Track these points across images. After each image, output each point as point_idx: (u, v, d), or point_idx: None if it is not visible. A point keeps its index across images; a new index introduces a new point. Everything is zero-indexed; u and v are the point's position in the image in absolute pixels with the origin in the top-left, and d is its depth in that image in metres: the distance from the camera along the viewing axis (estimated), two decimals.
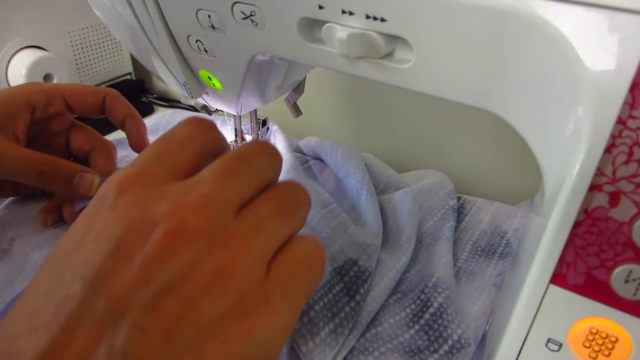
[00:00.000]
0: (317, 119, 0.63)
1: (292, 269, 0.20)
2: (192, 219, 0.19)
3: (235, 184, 0.20)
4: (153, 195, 0.19)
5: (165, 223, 0.18)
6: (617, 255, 0.21)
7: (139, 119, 0.39)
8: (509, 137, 0.49)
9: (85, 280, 0.18)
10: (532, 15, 0.19)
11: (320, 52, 0.26)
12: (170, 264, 0.18)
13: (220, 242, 0.19)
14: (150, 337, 0.17)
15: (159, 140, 0.22)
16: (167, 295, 0.18)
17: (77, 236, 0.19)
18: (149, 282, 0.18)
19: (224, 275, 0.18)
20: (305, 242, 0.22)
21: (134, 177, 0.20)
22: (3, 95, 0.35)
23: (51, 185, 0.33)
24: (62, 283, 0.18)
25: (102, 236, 0.19)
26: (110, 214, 0.19)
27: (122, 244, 0.18)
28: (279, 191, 0.22)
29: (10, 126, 0.35)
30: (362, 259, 0.33)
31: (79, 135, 0.39)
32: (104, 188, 0.20)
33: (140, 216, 0.19)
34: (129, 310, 0.17)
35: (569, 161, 0.20)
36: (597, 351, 0.22)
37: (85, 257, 0.18)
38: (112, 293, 0.17)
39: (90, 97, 0.38)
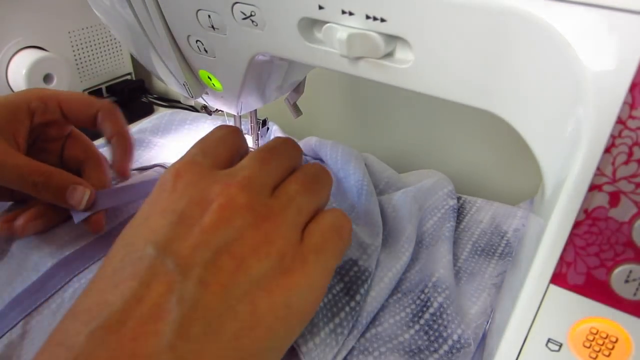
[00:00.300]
0: (317, 119, 0.63)
1: (323, 235, 0.25)
2: (239, 196, 0.23)
3: (268, 169, 0.25)
4: (205, 178, 0.24)
5: (219, 199, 0.23)
6: (617, 255, 0.21)
7: (126, 140, 0.38)
8: (509, 137, 0.49)
9: (155, 244, 0.22)
10: (532, 15, 0.19)
11: (320, 52, 0.26)
12: (224, 230, 0.22)
13: (261, 214, 0.23)
14: (212, 289, 0.21)
15: (200, 140, 0.27)
16: (222, 255, 0.22)
17: (143, 213, 0.24)
18: (208, 244, 0.22)
19: (266, 240, 0.23)
20: (333, 213, 0.26)
21: (187, 165, 0.25)
22: (5, 101, 0.36)
23: (43, 195, 0.33)
24: (135, 248, 0.22)
25: (167, 210, 0.23)
26: (171, 194, 0.24)
27: (184, 215, 0.23)
28: (303, 173, 0.27)
29: (11, 132, 0.35)
30: (362, 259, 0.33)
31: (75, 145, 0.39)
32: (163, 176, 0.25)
33: (198, 194, 0.23)
34: (193, 267, 0.21)
35: (569, 161, 0.20)
36: (597, 351, 0.22)
37: (153, 227, 0.23)
38: (178, 254, 0.21)
39: (84, 108, 0.38)
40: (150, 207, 0.24)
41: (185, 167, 0.25)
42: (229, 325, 0.21)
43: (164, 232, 0.22)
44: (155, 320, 0.20)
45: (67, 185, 0.34)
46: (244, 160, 0.26)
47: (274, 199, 0.25)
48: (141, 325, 0.19)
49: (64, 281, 0.33)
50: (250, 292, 0.22)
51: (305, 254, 0.24)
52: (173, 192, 0.24)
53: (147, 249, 0.22)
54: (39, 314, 0.32)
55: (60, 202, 0.34)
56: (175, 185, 0.24)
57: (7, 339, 0.31)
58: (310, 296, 0.24)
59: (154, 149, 0.51)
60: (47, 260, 0.34)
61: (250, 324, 0.21)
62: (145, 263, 0.21)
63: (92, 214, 0.34)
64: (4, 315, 0.32)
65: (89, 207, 0.34)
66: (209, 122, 0.55)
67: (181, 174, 0.25)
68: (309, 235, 0.25)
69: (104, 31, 0.66)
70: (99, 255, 0.35)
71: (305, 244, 0.24)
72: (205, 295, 0.21)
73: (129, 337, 0.19)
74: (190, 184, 0.24)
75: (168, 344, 0.19)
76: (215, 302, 0.21)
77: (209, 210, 0.23)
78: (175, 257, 0.21)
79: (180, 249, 0.22)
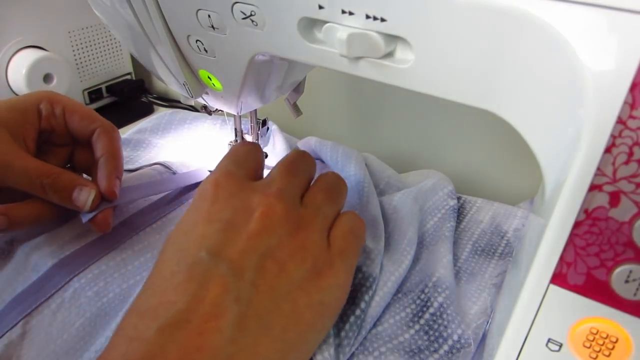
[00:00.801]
0: (317, 119, 0.63)
1: (345, 239, 0.28)
2: (277, 206, 0.26)
3: (295, 180, 0.29)
4: (244, 189, 0.27)
5: (260, 208, 0.26)
6: (618, 255, 0.21)
7: (118, 161, 0.37)
8: (509, 137, 0.49)
9: (208, 249, 0.24)
10: (532, 15, 0.19)
11: (320, 52, 0.26)
12: (267, 237, 0.25)
13: (295, 223, 0.27)
14: (261, 289, 0.24)
15: (229, 153, 0.30)
16: (267, 259, 0.25)
17: (189, 221, 0.26)
18: (255, 250, 0.25)
19: (302, 247, 0.26)
20: (350, 217, 0.29)
21: (225, 176, 0.28)
22: (15, 102, 0.36)
23: (51, 197, 0.33)
24: (188, 253, 0.24)
25: (213, 218, 0.26)
26: (214, 203, 0.26)
27: (230, 223, 0.26)
28: (325, 182, 0.30)
29: (21, 133, 0.35)
30: (365, 264, 0.32)
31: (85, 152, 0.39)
32: (203, 186, 0.28)
33: (240, 204, 0.26)
34: (245, 270, 0.24)
35: (569, 161, 0.20)
36: (598, 351, 0.22)
37: (202, 234, 0.25)
38: (229, 258, 0.24)
39: (86, 121, 0.37)
40: (196, 214, 0.27)
41: (224, 178, 0.28)
42: (277, 321, 0.24)
43: (214, 239, 0.25)
44: (217, 318, 0.22)
45: (73, 186, 0.34)
46: (274, 173, 0.29)
47: (304, 208, 0.28)
48: (205, 322, 0.22)
49: (64, 281, 0.33)
50: (291, 292, 0.25)
51: (332, 258, 0.27)
52: (216, 202, 0.27)
53: (201, 253, 0.24)
54: (39, 314, 0.32)
55: (67, 203, 0.34)
56: (216, 194, 0.27)
57: (7, 339, 0.31)
58: (339, 294, 0.27)
59: (154, 149, 0.51)
60: (47, 260, 0.34)
61: (294, 319, 0.25)
62: (201, 267, 0.24)
63: (98, 212, 0.34)
64: (4, 315, 0.32)
65: (95, 207, 0.34)
66: (209, 122, 0.55)
67: (221, 184, 0.27)
68: (334, 240, 0.28)
69: (104, 31, 0.66)
70: (99, 255, 0.35)
71: (332, 249, 0.28)
72: (257, 295, 0.24)
73: (195, 332, 0.22)
74: (232, 194, 0.27)
75: (230, 338, 0.22)
76: (265, 301, 0.24)
77: (252, 218, 0.26)
78: (227, 261, 0.24)
79: (230, 253, 0.24)
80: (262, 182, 0.28)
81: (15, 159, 0.33)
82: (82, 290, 0.33)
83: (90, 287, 0.33)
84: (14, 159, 0.33)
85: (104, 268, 0.34)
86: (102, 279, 0.34)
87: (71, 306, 0.32)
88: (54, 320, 0.32)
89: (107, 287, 0.33)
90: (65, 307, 0.32)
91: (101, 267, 0.34)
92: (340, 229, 0.28)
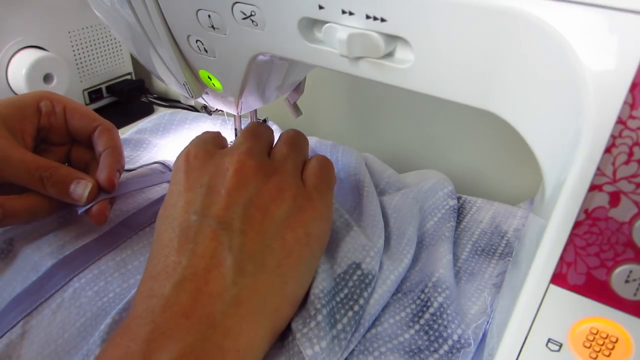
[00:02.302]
0: (317, 119, 0.63)
1: (317, 177, 0.32)
2: (248, 161, 0.30)
3: (259, 140, 0.33)
4: (215, 154, 0.31)
5: (233, 166, 0.30)
6: (618, 255, 0.21)
7: (119, 154, 0.38)
8: (509, 137, 0.49)
9: (196, 212, 0.28)
10: (532, 15, 0.19)
11: (320, 52, 0.26)
12: (245, 189, 0.29)
13: (267, 172, 0.30)
14: (250, 236, 0.28)
15: (199, 136, 0.34)
16: (250, 208, 0.28)
17: (173, 194, 0.30)
18: (237, 203, 0.28)
19: (279, 190, 0.30)
20: (317, 158, 0.34)
21: (194, 147, 0.32)
22: (15, 99, 0.36)
23: (49, 191, 0.34)
24: (180, 220, 0.28)
25: (193, 186, 0.29)
26: (191, 173, 0.30)
27: (210, 185, 0.29)
28: (287, 137, 0.34)
29: (20, 129, 0.35)
30: (365, 262, 0.32)
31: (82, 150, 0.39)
32: (176, 162, 0.32)
33: (214, 167, 0.30)
34: (232, 222, 0.27)
35: (569, 161, 0.20)
36: (598, 351, 0.22)
37: (188, 201, 0.29)
38: (216, 214, 0.28)
39: (86, 121, 0.38)
40: (177, 186, 0.30)
41: (193, 149, 0.31)
42: (270, 259, 0.27)
43: (200, 202, 0.28)
44: (217, 267, 0.26)
45: (71, 180, 0.34)
46: (238, 139, 0.33)
47: (272, 159, 0.32)
48: (208, 272, 0.26)
49: (64, 281, 0.33)
50: (278, 231, 0.28)
51: (309, 194, 0.31)
52: (193, 171, 0.30)
53: (191, 217, 0.28)
54: (39, 314, 0.32)
55: (64, 197, 0.34)
56: (190, 164, 0.30)
57: (7, 339, 0.31)
58: (322, 224, 0.31)
59: (154, 149, 0.51)
60: (47, 260, 0.34)
61: (285, 254, 0.28)
62: (193, 228, 0.27)
63: (93, 204, 0.34)
64: (3, 315, 0.32)
65: (91, 200, 0.34)
66: (209, 122, 0.55)
67: (191, 154, 0.31)
68: (307, 179, 0.32)
69: (104, 31, 0.66)
70: (98, 255, 0.35)
71: (307, 186, 0.31)
72: (247, 241, 0.27)
73: (202, 282, 0.25)
74: (205, 161, 0.30)
75: (231, 281, 0.26)
76: (255, 245, 0.27)
77: (227, 176, 0.29)
78: (214, 217, 0.27)
79: (216, 211, 0.28)
80: (231, 147, 0.32)
81: (13, 152, 0.33)
82: (82, 290, 0.33)
83: (90, 287, 0.33)
84: (11, 152, 0.33)
85: (104, 268, 0.34)
86: (102, 278, 0.34)
87: (71, 306, 0.32)
88: (54, 320, 0.32)
89: (107, 286, 0.33)
90: (65, 307, 0.32)
91: (101, 267, 0.34)
92: (311, 169, 0.33)
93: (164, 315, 0.24)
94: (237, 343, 0.25)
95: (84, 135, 0.38)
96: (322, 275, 0.30)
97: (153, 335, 0.23)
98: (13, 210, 0.33)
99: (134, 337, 0.24)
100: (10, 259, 0.36)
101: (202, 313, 0.24)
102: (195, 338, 0.24)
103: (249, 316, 0.26)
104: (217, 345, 0.24)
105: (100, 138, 0.38)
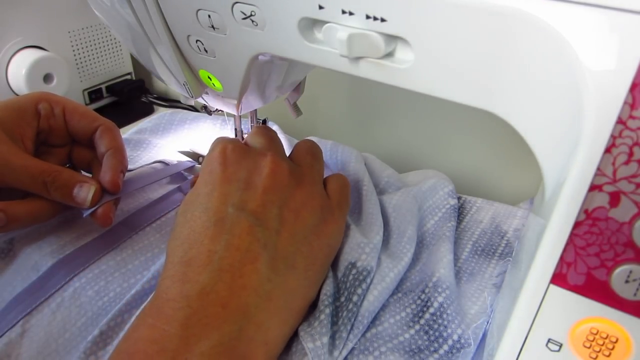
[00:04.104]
0: (317, 119, 0.63)
1: (339, 194, 0.34)
2: (282, 162, 0.31)
3: (279, 145, 0.34)
4: (250, 152, 0.32)
5: (269, 165, 0.30)
6: (618, 255, 0.21)
7: (122, 154, 0.37)
8: (509, 137, 0.49)
9: (233, 205, 0.28)
10: (532, 15, 0.19)
11: (320, 52, 0.26)
12: (280, 191, 0.30)
13: (298, 178, 0.31)
14: (284, 236, 0.29)
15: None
16: (284, 209, 0.29)
17: (207, 183, 0.30)
18: (274, 202, 0.29)
19: (311, 197, 0.31)
20: (339, 176, 0.36)
21: (227, 143, 0.31)
22: (13, 103, 0.36)
23: (53, 195, 0.33)
24: (215, 210, 0.28)
25: (231, 179, 0.29)
26: (227, 167, 0.30)
27: (247, 181, 0.30)
28: (305, 146, 0.35)
29: (19, 134, 0.35)
30: (360, 259, 0.32)
31: (84, 151, 0.39)
32: (211, 155, 0.31)
33: (252, 164, 0.31)
34: (268, 220, 0.28)
35: (569, 161, 0.20)
36: (598, 351, 0.22)
37: (224, 193, 0.29)
38: (253, 210, 0.28)
39: (86, 121, 0.38)
40: (212, 177, 0.30)
41: (230, 144, 0.31)
42: (300, 261, 0.29)
43: (237, 196, 0.29)
44: (252, 262, 0.27)
45: (74, 183, 0.34)
46: (258, 140, 0.34)
47: (299, 165, 0.33)
48: (244, 265, 0.26)
49: (64, 280, 0.33)
50: (307, 237, 0.30)
51: (333, 208, 0.32)
52: (230, 164, 0.30)
53: (229, 209, 0.28)
54: (39, 313, 0.32)
55: (68, 200, 0.34)
56: (228, 158, 0.31)
57: (6, 338, 0.31)
58: (339, 237, 0.33)
59: (154, 149, 0.51)
60: (47, 260, 0.34)
61: (312, 260, 0.29)
62: (230, 220, 0.28)
63: (98, 206, 0.34)
64: (4, 314, 0.32)
65: (95, 202, 0.34)
66: (209, 122, 0.55)
67: (229, 148, 0.31)
68: (332, 194, 0.33)
69: (104, 31, 0.66)
70: (99, 254, 0.35)
71: (331, 200, 0.33)
72: (280, 240, 0.28)
73: (238, 274, 0.26)
74: (241, 156, 0.31)
75: (266, 277, 0.27)
76: (287, 246, 0.28)
77: (264, 175, 0.30)
78: (252, 213, 0.28)
79: (253, 207, 0.28)
80: (259, 149, 0.33)
81: (14, 158, 0.33)
82: (82, 289, 0.33)
83: (90, 287, 0.33)
84: (14, 158, 0.33)
85: (104, 267, 0.34)
86: (102, 278, 0.34)
87: (71, 305, 0.32)
88: (54, 319, 0.32)
89: (107, 286, 0.33)
90: (66, 307, 0.32)
91: (101, 266, 0.34)
92: (335, 184, 0.34)
93: (201, 302, 0.25)
94: (267, 336, 0.26)
95: (84, 136, 0.38)
96: (327, 280, 0.31)
97: (191, 321, 0.24)
98: (16, 216, 0.33)
99: (170, 319, 0.24)
100: (10, 258, 0.36)
101: (238, 304, 0.25)
102: (231, 328, 0.24)
103: (278, 312, 0.27)
104: (249, 337, 0.25)
105: (102, 138, 0.37)
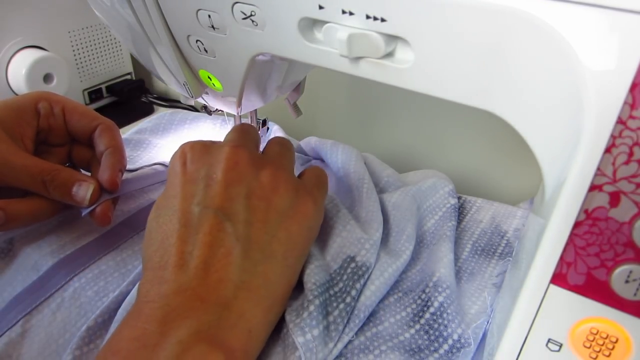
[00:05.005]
0: (317, 119, 0.63)
1: (315, 178, 0.33)
2: (243, 154, 0.30)
3: (249, 137, 0.33)
4: (209, 148, 0.31)
5: (230, 158, 0.30)
6: (618, 255, 0.21)
7: (121, 153, 0.37)
8: (509, 137, 0.49)
9: (198, 204, 0.28)
10: (531, 15, 0.19)
11: (320, 52, 0.26)
12: (244, 181, 0.29)
13: (260, 164, 0.30)
14: (256, 225, 0.28)
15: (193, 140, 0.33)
16: (252, 199, 0.29)
17: (173, 186, 0.29)
18: (239, 194, 0.28)
19: (280, 181, 0.30)
20: (313, 167, 0.35)
21: (187, 145, 0.31)
22: (12, 102, 0.36)
23: (52, 194, 0.33)
24: (183, 211, 0.28)
25: (194, 178, 0.29)
26: (189, 166, 0.30)
27: (209, 177, 0.29)
28: (275, 142, 0.34)
29: (19, 133, 0.35)
30: (360, 254, 0.33)
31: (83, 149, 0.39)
32: (173, 157, 0.31)
33: (212, 159, 0.30)
34: (236, 213, 0.28)
35: (569, 161, 0.20)
36: (598, 351, 0.22)
37: (189, 193, 0.29)
38: (220, 206, 0.28)
39: (86, 120, 0.38)
40: (176, 179, 0.30)
41: (190, 143, 0.31)
42: (277, 249, 0.28)
43: (202, 194, 0.28)
44: (227, 256, 0.27)
45: (73, 182, 0.34)
46: (228, 136, 0.33)
47: (266, 155, 0.32)
48: (219, 261, 0.26)
49: (64, 280, 0.33)
50: (283, 222, 0.29)
51: (310, 189, 0.31)
52: (191, 164, 0.30)
53: (195, 209, 0.28)
54: (39, 313, 0.32)
55: (67, 199, 0.34)
56: (188, 158, 0.30)
57: (7, 338, 0.31)
58: (319, 219, 0.32)
59: (154, 149, 0.51)
60: (47, 260, 0.35)
61: (291, 245, 0.29)
62: (199, 219, 0.27)
63: (96, 205, 0.34)
64: (4, 314, 0.32)
65: (94, 202, 0.34)
66: (209, 122, 0.55)
67: (187, 149, 0.31)
68: (306, 180, 0.33)
69: (104, 31, 0.66)
70: (99, 255, 0.35)
71: (306, 183, 0.32)
72: (253, 230, 0.28)
73: (215, 269, 0.26)
74: (201, 153, 0.30)
75: (242, 268, 0.27)
76: (261, 234, 0.28)
77: (225, 169, 0.29)
78: (219, 209, 0.28)
79: (220, 202, 0.28)
80: (222, 142, 0.32)
81: (14, 157, 0.33)
82: (82, 289, 0.33)
83: (90, 287, 0.33)
84: (13, 157, 0.33)
85: (104, 268, 0.34)
86: (102, 278, 0.34)
87: (71, 305, 0.32)
88: (54, 319, 0.32)
89: (107, 286, 0.33)
90: (66, 307, 0.32)
91: (101, 266, 0.34)
92: (310, 172, 0.34)
93: (179, 299, 0.25)
94: (250, 324, 0.26)
95: (84, 135, 0.38)
96: (316, 269, 0.31)
97: (169, 317, 0.24)
98: (16, 214, 0.33)
99: (149, 319, 0.24)
100: (10, 258, 0.36)
101: (216, 297, 0.25)
102: (210, 318, 0.25)
103: (260, 301, 0.27)
104: (231, 325, 0.25)
105: (101, 137, 0.37)
